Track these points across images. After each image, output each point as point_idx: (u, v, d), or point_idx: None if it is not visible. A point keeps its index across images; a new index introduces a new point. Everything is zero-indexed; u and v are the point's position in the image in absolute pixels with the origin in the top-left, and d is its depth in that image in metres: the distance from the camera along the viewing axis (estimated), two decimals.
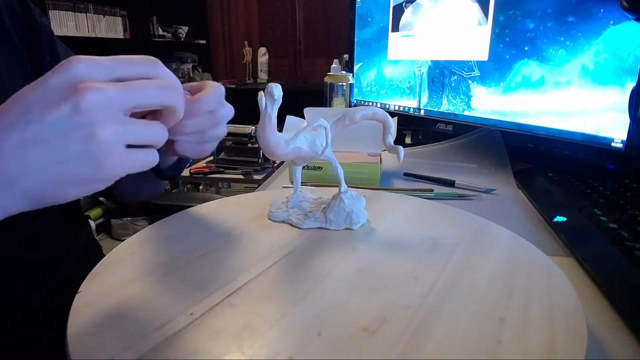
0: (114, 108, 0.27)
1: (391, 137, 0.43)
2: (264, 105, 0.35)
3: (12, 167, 0.27)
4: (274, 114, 0.36)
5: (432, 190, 0.62)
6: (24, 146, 0.26)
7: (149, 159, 0.31)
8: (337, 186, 0.44)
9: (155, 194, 0.85)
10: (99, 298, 0.30)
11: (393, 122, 0.43)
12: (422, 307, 0.29)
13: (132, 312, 0.28)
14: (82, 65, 0.27)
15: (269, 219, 0.44)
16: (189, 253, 0.37)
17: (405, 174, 0.71)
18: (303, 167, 0.67)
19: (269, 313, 0.28)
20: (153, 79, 0.30)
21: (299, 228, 0.42)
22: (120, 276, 0.33)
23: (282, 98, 0.36)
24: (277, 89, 0.35)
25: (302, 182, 0.68)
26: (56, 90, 0.27)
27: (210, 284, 0.32)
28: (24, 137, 0.26)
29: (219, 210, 0.47)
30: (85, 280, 0.32)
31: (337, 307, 0.29)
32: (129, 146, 0.29)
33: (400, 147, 0.40)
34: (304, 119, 0.75)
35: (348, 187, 0.44)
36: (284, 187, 0.66)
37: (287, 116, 0.76)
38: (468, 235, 0.41)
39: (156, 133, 0.31)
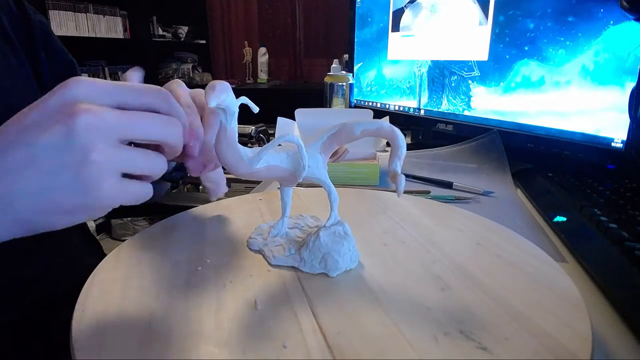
0: (110, 134, 0.26)
1: (399, 162, 0.33)
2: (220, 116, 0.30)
3: (1, 191, 0.25)
4: (230, 124, 0.30)
5: (429, 192, 0.62)
6: (14, 170, 0.25)
7: (144, 192, 0.29)
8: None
9: (158, 196, 0.85)
10: (100, 317, 0.27)
11: (404, 142, 0.33)
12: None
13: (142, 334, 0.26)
14: (82, 86, 0.26)
15: (247, 247, 0.38)
16: (180, 266, 0.34)
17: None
18: None
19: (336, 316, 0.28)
20: (157, 114, 0.28)
21: (269, 263, 0.35)
22: (117, 296, 0.30)
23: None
24: (225, 96, 0.28)
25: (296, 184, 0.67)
26: (53, 112, 0.26)
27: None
28: (15, 160, 0.25)
29: (212, 214, 0.46)
30: (79, 298, 0.29)
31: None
32: (125, 175, 0.27)
33: (403, 178, 0.32)
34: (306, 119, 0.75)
35: (347, 186, 0.41)
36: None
37: (278, 117, 0.76)
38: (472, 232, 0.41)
39: (154, 165, 0.29)
